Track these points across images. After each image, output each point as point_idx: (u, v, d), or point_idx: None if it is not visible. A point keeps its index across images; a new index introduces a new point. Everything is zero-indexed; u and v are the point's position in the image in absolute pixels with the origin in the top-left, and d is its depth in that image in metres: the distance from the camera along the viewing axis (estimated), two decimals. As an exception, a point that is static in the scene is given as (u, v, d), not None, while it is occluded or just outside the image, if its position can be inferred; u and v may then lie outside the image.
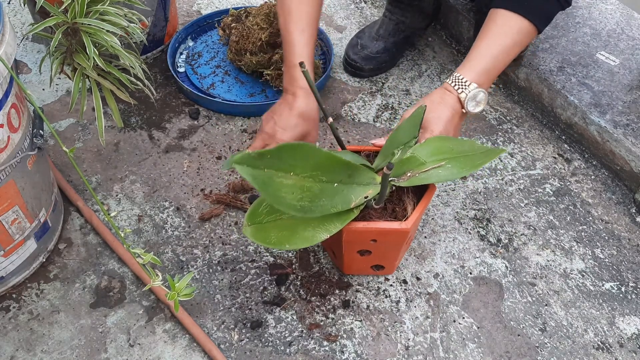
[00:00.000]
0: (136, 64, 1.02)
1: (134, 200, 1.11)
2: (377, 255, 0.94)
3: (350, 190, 0.82)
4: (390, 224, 0.86)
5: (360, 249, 0.92)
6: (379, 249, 0.92)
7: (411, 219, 0.86)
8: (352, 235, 0.87)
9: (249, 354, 0.92)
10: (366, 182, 0.85)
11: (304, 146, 0.78)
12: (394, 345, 0.94)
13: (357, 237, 0.89)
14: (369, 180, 0.85)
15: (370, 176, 0.86)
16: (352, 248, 0.92)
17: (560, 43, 1.33)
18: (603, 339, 0.96)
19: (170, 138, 1.22)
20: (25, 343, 0.92)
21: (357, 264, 0.97)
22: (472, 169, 0.83)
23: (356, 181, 0.84)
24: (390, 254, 0.95)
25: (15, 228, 0.92)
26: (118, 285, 0.99)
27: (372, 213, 0.88)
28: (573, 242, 1.09)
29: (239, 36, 1.28)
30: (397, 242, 0.91)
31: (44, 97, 1.28)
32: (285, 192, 0.76)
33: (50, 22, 0.95)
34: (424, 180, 0.84)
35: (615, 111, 1.19)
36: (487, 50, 0.95)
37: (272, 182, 0.75)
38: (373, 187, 0.85)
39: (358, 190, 0.83)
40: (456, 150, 0.85)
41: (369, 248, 0.92)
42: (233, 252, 1.04)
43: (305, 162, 0.77)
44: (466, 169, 0.83)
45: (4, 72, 0.78)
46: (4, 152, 0.84)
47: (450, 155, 0.84)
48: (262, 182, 0.74)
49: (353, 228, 0.85)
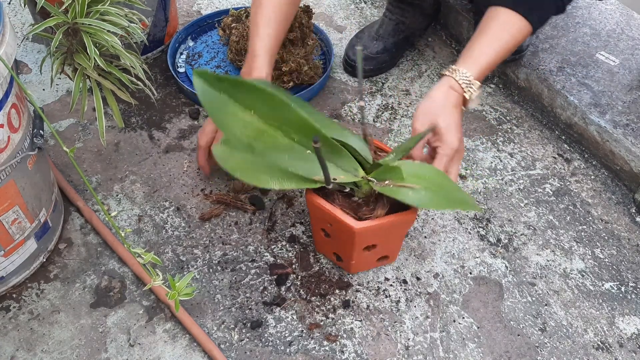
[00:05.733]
0: (137, 64, 1.02)
1: (134, 200, 1.11)
2: (383, 247, 0.97)
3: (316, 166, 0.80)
4: (397, 216, 0.89)
5: (367, 245, 0.94)
6: (385, 241, 0.95)
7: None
8: (364, 234, 0.89)
9: (249, 354, 0.92)
10: (344, 168, 0.85)
11: (266, 91, 0.75)
12: (394, 345, 0.94)
13: (367, 235, 0.90)
14: (349, 167, 0.86)
15: (352, 165, 0.86)
16: (361, 246, 0.93)
17: (560, 43, 1.33)
18: (603, 339, 0.96)
19: (171, 138, 1.22)
20: (26, 343, 0.92)
21: (364, 260, 0.99)
22: (436, 207, 0.84)
23: (333, 161, 0.84)
24: (394, 244, 0.99)
25: (15, 228, 0.92)
26: (118, 285, 0.99)
27: (364, 210, 0.89)
28: (573, 242, 1.09)
29: (239, 36, 1.28)
30: (402, 232, 0.96)
31: (45, 97, 1.28)
32: (235, 124, 0.74)
33: (51, 23, 0.95)
34: (392, 193, 0.84)
35: (615, 111, 1.19)
36: (489, 47, 0.95)
37: (225, 109, 0.73)
38: (345, 174, 0.85)
39: (331, 169, 0.82)
40: (438, 184, 0.84)
41: (375, 242, 0.94)
42: (233, 252, 1.04)
43: (265, 107, 0.75)
44: (432, 203, 0.84)
45: (4, 72, 0.78)
46: (4, 152, 0.84)
47: (428, 185, 0.83)
48: (213, 104, 0.72)
49: (364, 228, 0.87)
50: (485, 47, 0.95)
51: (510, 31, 0.96)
